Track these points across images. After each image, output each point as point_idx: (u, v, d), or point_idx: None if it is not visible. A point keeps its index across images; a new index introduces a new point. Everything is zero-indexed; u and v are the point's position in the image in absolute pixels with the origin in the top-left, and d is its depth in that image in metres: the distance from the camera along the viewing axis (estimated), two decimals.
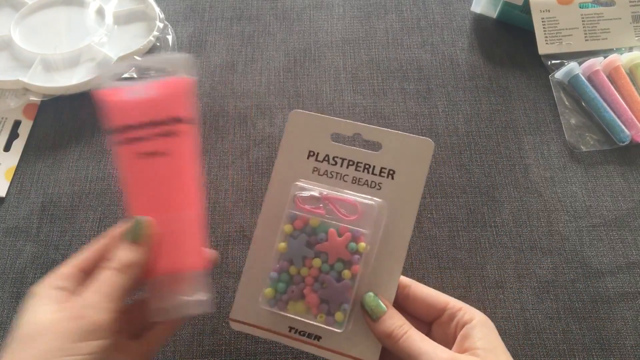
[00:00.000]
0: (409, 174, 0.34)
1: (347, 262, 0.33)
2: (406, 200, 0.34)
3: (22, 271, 0.45)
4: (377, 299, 0.32)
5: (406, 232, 0.33)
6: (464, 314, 0.32)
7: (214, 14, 0.60)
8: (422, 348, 0.30)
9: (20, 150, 0.51)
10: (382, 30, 0.58)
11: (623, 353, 0.41)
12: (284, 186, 0.35)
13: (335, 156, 0.35)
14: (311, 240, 0.34)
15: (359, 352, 0.32)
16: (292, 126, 0.36)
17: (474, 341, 0.30)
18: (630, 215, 0.47)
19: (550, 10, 0.55)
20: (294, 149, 0.36)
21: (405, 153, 0.34)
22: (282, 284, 0.33)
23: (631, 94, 0.52)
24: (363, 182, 0.34)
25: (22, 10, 0.56)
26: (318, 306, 0.33)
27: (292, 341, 0.33)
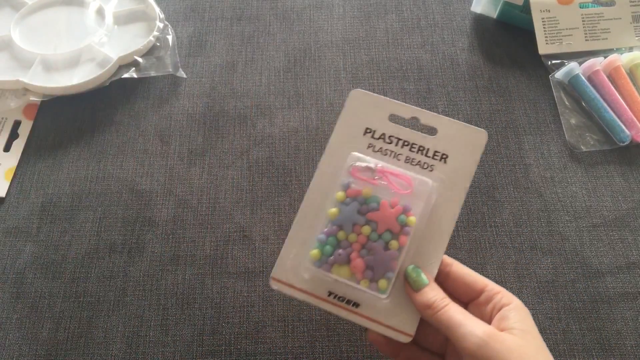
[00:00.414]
0: (461, 160, 0.35)
1: (396, 233, 0.34)
2: (456, 184, 0.35)
3: (22, 271, 0.45)
4: (420, 272, 0.33)
5: (453, 214, 0.35)
6: (502, 297, 0.32)
7: (214, 14, 0.60)
8: (462, 320, 0.30)
9: (20, 150, 0.51)
10: (382, 30, 0.58)
11: (623, 353, 0.41)
12: (338, 157, 0.36)
13: (392, 135, 0.36)
14: (362, 209, 0.34)
15: (397, 323, 0.33)
16: (352, 103, 0.37)
17: (511, 322, 0.31)
18: (630, 215, 0.47)
19: (551, 10, 0.55)
20: (351, 124, 0.37)
21: (459, 140, 0.36)
22: (329, 247, 0.34)
23: (631, 94, 0.52)
24: (416, 162, 0.36)
25: (22, 10, 0.56)
26: (363, 272, 0.33)
27: (330, 306, 0.34)
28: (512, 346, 0.29)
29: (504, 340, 0.29)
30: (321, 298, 0.34)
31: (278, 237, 0.46)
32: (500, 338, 0.29)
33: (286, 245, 0.35)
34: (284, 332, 0.42)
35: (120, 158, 0.50)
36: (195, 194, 0.48)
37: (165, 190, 0.48)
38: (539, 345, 0.31)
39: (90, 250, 0.46)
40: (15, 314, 0.43)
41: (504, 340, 0.29)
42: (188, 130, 0.52)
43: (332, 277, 0.34)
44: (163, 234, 0.46)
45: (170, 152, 0.51)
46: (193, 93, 0.54)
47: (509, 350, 0.29)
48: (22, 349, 0.41)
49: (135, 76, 0.53)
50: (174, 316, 0.43)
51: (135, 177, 0.49)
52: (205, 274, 0.44)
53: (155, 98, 0.54)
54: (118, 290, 0.44)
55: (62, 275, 0.44)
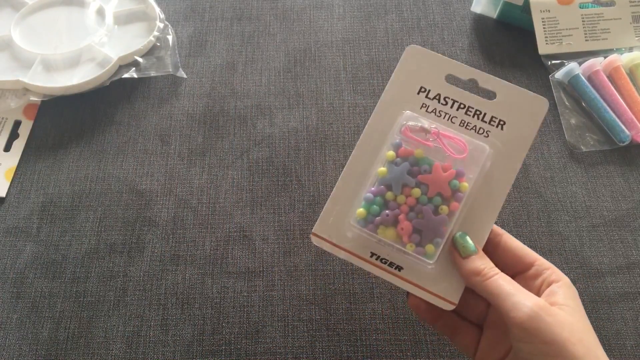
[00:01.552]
0: (519, 128, 0.34)
1: (447, 198, 0.33)
2: (512, 152, 0.33)
3: (22, 271, 0.45)
4: (469, 239, 0.32)
5: (507, 183, 0.33)
6: (552, 273, 0.32)
7: (214, 14, 0.60)
8: (512, 289, 0.29)
9: (20, 150, 0.51)
10: (382, 30, 0.58)
11: (623, 353, 0.41)
12: (389, 115, 0.34)
13: (447, 97, 0.35)
14: (413, 170, 0.33)
15: (441, 290, 0.32)
16: (407, 59, 0.35)
17: (560, 299, 0.30)
18: (630, 215, 0.47)
19: (550, 10, 0.55)
20: (405, 82, 0.35)
21: (519, 107, 0.34)
22: (376, 207, 0.33)
23: (631, 94, 0.52)
24: (471, 127, 0.34)
25: (22, 10, 0.56)
26: (410, 235, 0.32)
27: (372, 267, 0.33)
28: (563, 321, 0.28)
29: (556, 314, 0.29)
30: (363, 258, 0.33)
31: (278, 237, 0.46)
32: (552, 311, 0.29)
33: (330, 201, 0.34)
34: (284, 332, 0.42)
35: (120, 158, 0.50)
36: (195, 194, 0.48)
37: (165, 190, 0.48)
38: (588, 326, 0.30)
39: (90, 250, 0.46)
40: (15, 314, 0.43)
41: (556, 314, 0.29)
42: (188, 130, 0.52)
43: (377, 238, 0.32)
44: (163, 234, 0.46)
45: (170, 152, 0.51)
46: (193, 93, 0.54)
47: (560, 324, 0.28)
48: (22, 349, 0.41)
49: (136, 76, 0.53)
50: (174, 316, 0.43)
51: (135, 177, 0.49)
52: (205, 274, 0.44)
53: (155, 98, 0.54)
54: (118, 290, 0.44)
55: (62, 275, 0.44)
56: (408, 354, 0.41)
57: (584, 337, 0.28)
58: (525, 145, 0.33)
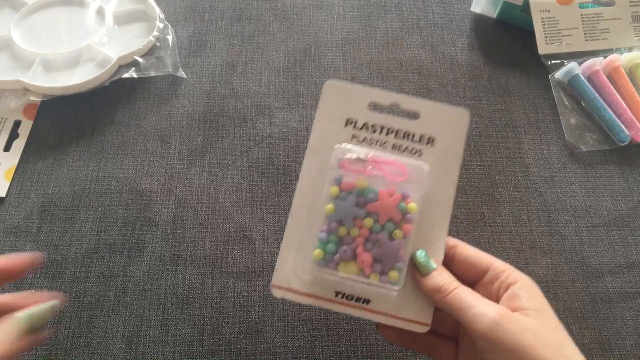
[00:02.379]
0: (448, 142, 0.35)
1: (398, 222, 0.33)
2: (447, 165, 0.34)
3: None
4: (428, 256, 0.32)
5: (449, 195, 0.34)
6: (508, 275, 0.32)
7: (214, 14, 0.60)
8: (473, 302, 0.29)
9: (20, 150, 0.51)
10: (382, 30, 0.58)
11: (623, 353, 0.41)
12: (322, 153, 0.35)
13: (374, 124, 0.35)
14: (360, 201, 0.33)
15: (412, 314, 0.32)
16: (328, 95, 0.36)
17: (523, 302, 0.30)
18: (630, 215, 0.47)
19: (550, 10, 0.55)
20: (330, 118, 0.36)
21: (443, 122, 0.35)
22: (332, 245, 0.33)
23: (631, 94, 0.52)
24: (404, 148, 0.35)
25: (22, 10, 0.56)
26: (372, 265, 0.32)
27: (339, 306, 0.33)
28: (526, 327, 0.28)
29: (518, 320, 0.28)
30: (329, 299, 0.33)
31: (278, 237, 0.46)
32: (514, 318, 0.28)
33: (283, 250, 0.34)
34: (284, 332, 0.42)
35: (120, 158, 0.50)
36: (195, 194, 0.48)
37: (165, 190, 0.48)
38: (555, 325, 0.30)
39: (90, 250, 0.46)
40: None
41: (517, 321, 0.28)
42: (188, 130, 0.52)
43: (339, 276, 0.32)
44: (163, 234, 0.46)
45: (170, 152, 0.51)
46: (193, 93, 0.54)
47: (523, 330, 0.28)
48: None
49: (135, 76, 0.53)
50: (174, 316, 0.43)
51: (135, 177, 0.49)
52: (205, 274, 0.44)
53: (155, 98, 0.54)
54: (118, 290, 0.44)
55: (62, 275, 0.44)
56: (408, 354, 0.41)
57: (551, 339, 0.28)
58: (458, 157, 0.34)
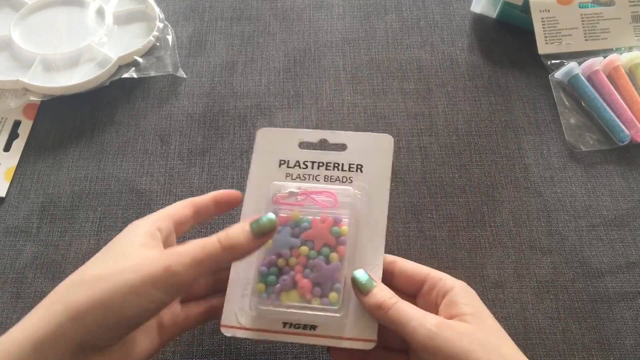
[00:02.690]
0: (375, 166, 0.37)
1: (333, 246, 0.35)
2: (377, 187, 0.37)
3: (22, 271, 0.45)
4: (367, 274, 0.33)
5: (382, 216, 0.36)
6: (444, 283, 0.33)
7: (214, 14, 0.60)
8: (411, 315, 0.30)
9: (20, 150, 0.51)
10: (382, 30, 0.58)
11: (623, 353, 0.41)
12: (260, 194, 0.37)
13: (305, 160, 0.38)
14: (295, 231, 0.35)
15: (357, 333, 0.33)
16: (261, 141, 0.39)
17: (460, 307, 0.31)
18: (630, 215, 0.47)
19: (550, 10, 0.55)
20: (265, 161, 0.38)
21: (368, 149, 0.38)
22: (273, 277, 0.34)
23: (631, 94, 0.52)
24: (335, 178, 0.37)
25: (22, 10, 0.56)
26: (311, 290, 0.34)
27: (288, 336, 0.34)
28: (462, 332, 0.29)
29: (454, 327, 0.29)
30: (277, 331, 0.34)
31: None
32: (449, 326, 0.29)
33: (229, 289, 0.35)
34: None
35: (120, 158, 0.50)
36: (195, 194, 0.48)
37: (165, 190, 0.48)
38: (491, 326, 0.31)
39: (90, 250, 0.46)
40: (15, 314, 0.43)
41: (454, 327, 0.29)
42: (188, 130, 0.52)
43: (283, 305, 0.34)
44: None
45: (170, 152, 0.51)
46: (193, 93, 0.54)
47: (459, 337, 0.29)
48: None
49: (135, 76, 0.53)
50: None
51: (135, 177, 0.49)
52: None
53: (155, 98, 0.54)
54: None
55: (62, 275, 0.44)
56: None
57: (487, 341, 0.29)
58: (386, 178, 0.37)
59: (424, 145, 0.51)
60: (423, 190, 0.48)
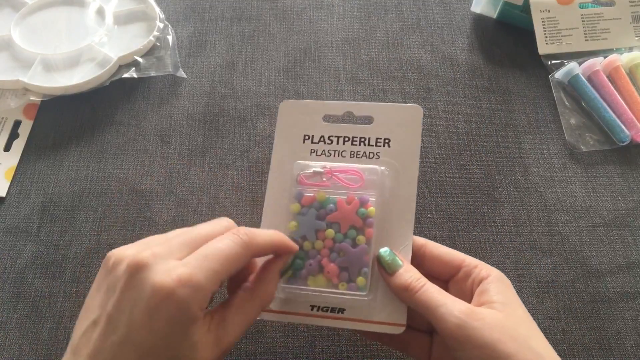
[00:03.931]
0: (404, 140, 0.35)
1: (360, 228, 0.34)
2: (406, 164, 0.35)
3: (22, 271, 0.45)
4: (393, 254, 0.32)
5: (411, 193, 0.34)
6: (480, 270, 0.32)
7: (214, 14, 0.60)
8: (440, 300, 0.30)
9: (20, 150, 0.51)
10: (382, 30, 0.58)
11: (623, 353, 0.41)
12: (285, 173, 0.36)
13: (330, 135, 0.36)
14: (321, 213, 0.34)
15: (385, 316, 0.32)
16: (284, 115, 0.37)
17: (491, 295, 0.30)
18: (630, 215, 0.47)
19: (550, 10, 0.55)
20: (288, 136, 0.37)
21: (396, 121, 0.36)
22: (299, 261, 0.34)
23: (631, 94, 0.52)
24: (361, 154, 0.36)
25: (22, 10, 0.56)
26: (338, 275, 0.33)
27: (316, 319, 0.33)
28: (492, 322, 0.29)
29: (483, 317, 0.29)
30: (305, 314, 0.33)
31: None
32: (479, 315, 0.29)
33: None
34: (284, 332, 0.42)
35: (120, 158, 0.50)
36: (195, 194, 0.48)
37: (165, 190, 0.48)
38: (521, 317, 0.30)
39: (90, 250, 0.46)
40: (16, 314, 0.43)
41: (484, 317, 0.29)
42: (188, 130, 0.52)
43: (311, 290, 0.33)
44: None
45: (170, 152, 0.51)
46: (193, 93, 0.54)
47: (489, 327, 0.28)
48: (22, 348, 0.41)
49: (135, 76, 0.53)
50: None
51: (135, 177, 0.49)
52: None
53: (155, 98, 0.54)
54: None
55: (63, 275, 0.44)
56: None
57: (516, 332, 0.29)
58: (415, 153, 0.35)
59: (424, 145, 0.51)
60: (423, 190, 0.48)
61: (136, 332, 0.25)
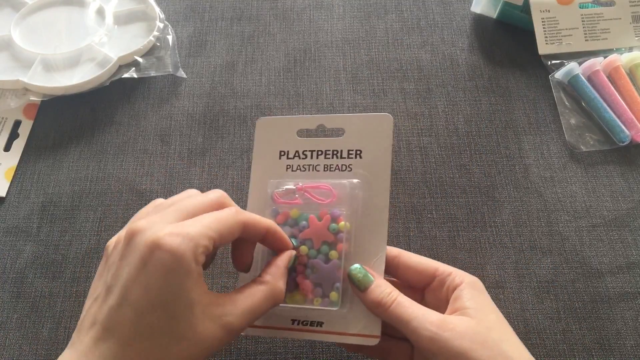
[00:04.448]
0: (375, 150, 0.35)
1: (332, 243, 0.34)
2: (377, 174, 0.35)
3: (22, 271, 0.45)
4: (363, 270, 0.32)
5: (383, 204, 0.34)
6: (454, 277, 0.32)
7: (214, 14, 0.60)
8: (412, 313, 0.30)
9: (20, 150, 0.51)
10: (382, 30, 0.58)
11: (623, 353, 0.41)
12: (263, 190, 0.36)
13: (304, 150, 0.37)
14: (294, 230, 0.35)
15: (361, 328, 0.33)
16: (261, 133, 0.38)
17: (464, 302, 0.31)
18: (630, 215, 0.47)
19: (550, 10, 0.55)
20: (265, 154, 0.37)
21: (367, 132, 0.36)
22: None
23: (631, 94, 0.52)
24: (334, 167, 0.36)
25: (22, 10, 0.56)
26: (312, 291, 0.34)
27: (297, 333, 0.34)
28: (462, 330, 0.29)
29: (454, 326, 0.29)
30: (286, 328, 0.34)
31: None
32: (450, 325, 0.29)
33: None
34: None
35: (120, 158, 0.50)
36: None
37: (165, 190, 0.48)
38: (493, 321, 0.30)
39: (90, 250, 0.46)
40: (16, 314, 0.43)
41: (454, 327, 0.29)
42: (188, 130, 0.52)
43: (288, 306, 0.34)
44: None
45: (170, 152, 0.51)
46: (193, 93, 0.54)
47: (460, 336, 0.29)
48: (22, 348, 0.41)
49: (135, 76, 0.53)
50: None
51: (135, 177, 0.49)
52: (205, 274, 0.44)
53: (155, 98, 0.54)
54: None
55: (63, 275, 0.44)
56: None
57: (488, 337, 0.29)
58: (386, 162, 0.35)
59: (424, 145, 0.51)
60: (423, 190, 0.48)
61: (131, 291, 0.25)
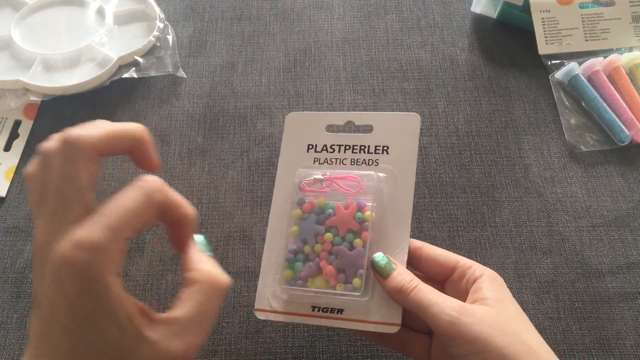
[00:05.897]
0: (401, 147, 0.37)
1: (357, 231, 0.35)
2: (403, 169, 0.36)
3: (22, 271, 0.45)
4: (386, 257, 0.33)
5: (408, 198, 0.36)
6: (474, 270, 0.33)
7: (214, 14, 0.60)
8: (432, 299, 0.30)
9: (20, 150, 0.51)
10: (382, 30, 0.58)
11: (623, 353, 0.41)
12: (289, 181, 0.37)
13: (332, 144, 0.38)
14: (320, 218, 0.36)
15: (381, 316, 0.33)
16: (290, 126, 0.39)
17: (484, 293, 0.31)
18: (630, 215, 0.47)
19: (550, 10, 0.55)
20: (294, 147, 0.38)
21: (395, 129, 0.37)
22: (299, 263, 0.35)
23: (631, 94, 0.52)
24: (361, 161, 0.37)
25: (22, 10, 0.56)
26: (335, 276, 0.34)
27: (317, 319, 0.35)
28: (483, 317, 0.29)
29: (474, 312, 0.29)
30: (307, 314, 0.35)
31: None
32: (470, 311, 0.29)
33: (262, 274, 0.36)
34: (284, 332, 0.42)
35: (120, 158, 0.50)
36: (195, 194, 0.48)
37: None
38: (513, 312, 0.31)
39: None
40: (16, 314, 0.43)
41: (474, 313, 0.29)
42: (188, 130, 0.52)
43: (310, 291, 0.34)
44: (163, 234, 0.46)
45: (171, 152, 0.51)
46: (193, 93, 0.54)
47: (480, 321, 0.29)
48: (22, 348, 0.41)
49: (135, 76, 0.53)
50: None
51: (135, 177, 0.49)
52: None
53: (155, 98, 0.54)
54: None
55: None
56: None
57: (507, 326, 0.29)
58: (412, 160, 0.36)
59: (424, 145, 0.51)
60: (423, 190, 0.48)
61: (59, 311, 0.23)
